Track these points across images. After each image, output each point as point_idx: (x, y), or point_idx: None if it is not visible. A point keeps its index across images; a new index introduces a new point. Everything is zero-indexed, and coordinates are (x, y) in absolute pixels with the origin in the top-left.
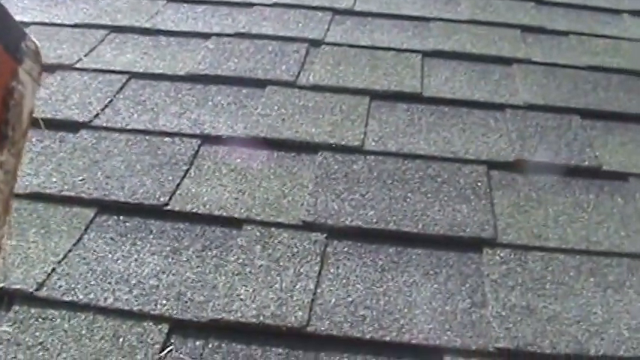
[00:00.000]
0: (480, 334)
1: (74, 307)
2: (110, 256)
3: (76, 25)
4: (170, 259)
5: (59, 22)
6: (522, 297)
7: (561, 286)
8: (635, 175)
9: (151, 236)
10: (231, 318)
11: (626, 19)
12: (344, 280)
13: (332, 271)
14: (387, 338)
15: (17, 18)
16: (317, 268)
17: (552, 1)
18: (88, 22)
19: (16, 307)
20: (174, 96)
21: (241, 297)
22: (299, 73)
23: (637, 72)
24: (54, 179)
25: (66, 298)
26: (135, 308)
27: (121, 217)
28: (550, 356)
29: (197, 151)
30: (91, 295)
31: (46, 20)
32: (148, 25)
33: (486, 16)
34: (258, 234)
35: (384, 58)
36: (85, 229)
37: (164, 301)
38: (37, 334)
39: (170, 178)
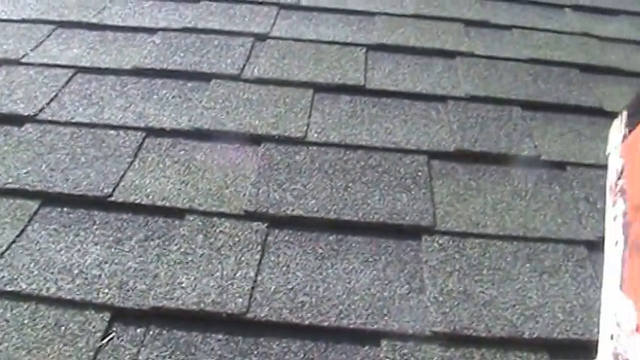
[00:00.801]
0: (417, 319)
1: (17, 297)
2: (53, 246)
3: (22, 21)
4: (113, 249)
5: (5, 17)
6: (460, 282)
7: (498, 272)
8: (572, 164)
9: (95, 227)
10: (172, 305)
11: (567, 13)
12: (284, 268)
13: (272, 259)
14: (326, 323)
15: None
16: (258, 257)
17: None
18: (34, 17)
19: None
20: (119, 90)
21: (182, 285)
22: (244, 66)
23: (577, 64)
24: None
25: (8, 288)
26: (77, 297)
27: (65, 209)
28: (485, 339)
29: (141, 144)
30: (34, 285)
31: None
32: (94, 20)
33: (431, 10)
34: (200, 224)
35: (329, 51)
36: (29, 221)
37: (106, 290)
38: None
39: (114, 170)
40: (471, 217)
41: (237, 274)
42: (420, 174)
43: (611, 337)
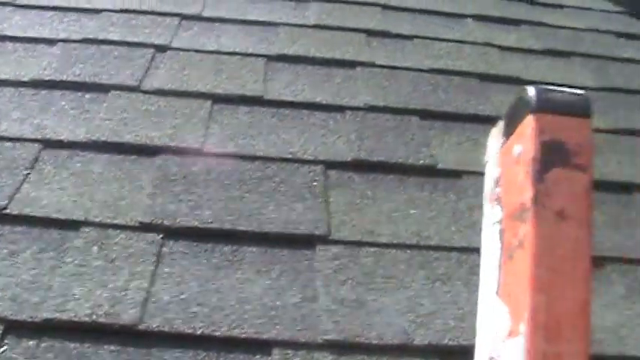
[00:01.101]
0: (309, 327)
1: None
2: None
3: None
4: (6, 262)
5: None
6: (353, 291)
7: (391, 280)
8: (468, 172)
9: None
10: (65, 317)
11: (469, 23)
12: (178, 279)
13: (167, 270)
14: (218, 333)
15: None
16: (152, 268)
17: (399, 6)
18: None
19: None
20: (17, 102)
21: (76, 297)
22: (143, 77)
23: (476, 74)
24: None
25: None
26: None
27: None
28: (377, 346)
29: (38, 156)
30: None
31: None
32: None
33: (333, 20)
34: (95, 235)
35: (229, 62)
36: None
37: None
38: None
39: (10, 182)
40: (365, 226)
41: (131, 285)
42: (315, 184)
43: (487, 342)
